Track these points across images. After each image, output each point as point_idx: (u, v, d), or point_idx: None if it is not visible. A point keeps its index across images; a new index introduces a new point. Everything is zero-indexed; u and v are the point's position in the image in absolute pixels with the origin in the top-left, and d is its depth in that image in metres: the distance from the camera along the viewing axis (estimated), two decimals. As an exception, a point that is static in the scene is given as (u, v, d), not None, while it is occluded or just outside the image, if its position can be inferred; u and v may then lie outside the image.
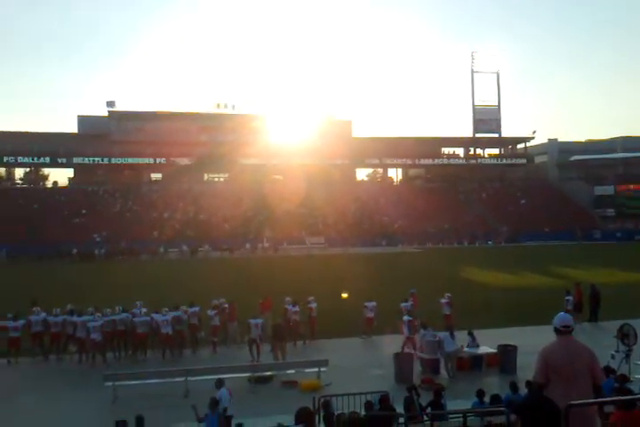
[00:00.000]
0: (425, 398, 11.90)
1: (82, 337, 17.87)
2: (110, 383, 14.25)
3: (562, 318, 6.63)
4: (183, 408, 10.93)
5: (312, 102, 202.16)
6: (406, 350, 17.07)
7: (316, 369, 15.39)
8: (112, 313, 18.50)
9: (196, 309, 19.24)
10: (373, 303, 20.73)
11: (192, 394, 13.90)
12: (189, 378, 14.62)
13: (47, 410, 13.22)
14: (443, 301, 20.92)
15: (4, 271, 44.56)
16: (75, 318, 18.21)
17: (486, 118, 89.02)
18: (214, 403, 10.63)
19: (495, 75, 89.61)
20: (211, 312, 19.07)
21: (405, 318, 18.17)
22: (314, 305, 20.56)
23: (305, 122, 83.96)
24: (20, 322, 18.31)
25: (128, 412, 11.34)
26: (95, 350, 17.70)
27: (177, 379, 14.70)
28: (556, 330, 6.54)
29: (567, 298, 21.50)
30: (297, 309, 19.86)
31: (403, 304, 20.02)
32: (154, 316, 18.28)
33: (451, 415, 10.73)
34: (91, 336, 17.56)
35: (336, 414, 10.25)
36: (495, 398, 10.89)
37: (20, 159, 76.24)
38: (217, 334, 19.08)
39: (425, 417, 10.32)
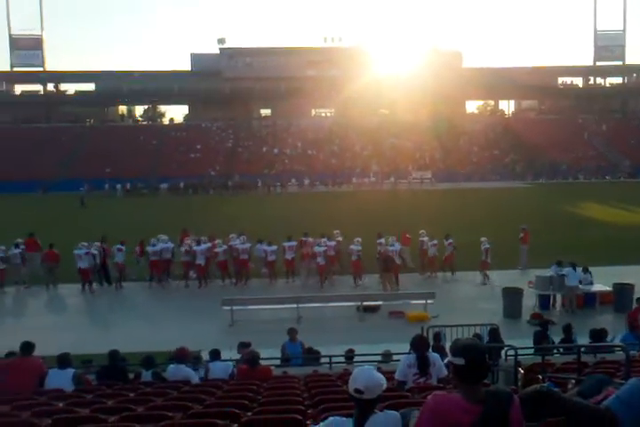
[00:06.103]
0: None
1: (200, 264, 19.32)
2: (228, 308, 15.18)
3: None
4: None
5: (420, 33, 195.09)
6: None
7: (423, 301, 15.61)
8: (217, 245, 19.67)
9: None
10: (435, 241, 20.14)
11: (303, 320, 14.64)
12: (300, 305, 15.32)
13: (172, 329, 14.32)
14: None
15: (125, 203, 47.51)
16: (195, 247, 19.53)
17: (609, 45, 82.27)
18: (293, 332, 11.47)
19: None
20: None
21: None
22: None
23: (413, 54, 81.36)
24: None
25: (245, 335, 12.13)
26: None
27: (289, 305, 15.43)
28: None
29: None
30: (435, 242, 20.06)
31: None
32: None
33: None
34: (196, 262, 19.38)
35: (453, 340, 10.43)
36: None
37: (138, 97, 79.86)
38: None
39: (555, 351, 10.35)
